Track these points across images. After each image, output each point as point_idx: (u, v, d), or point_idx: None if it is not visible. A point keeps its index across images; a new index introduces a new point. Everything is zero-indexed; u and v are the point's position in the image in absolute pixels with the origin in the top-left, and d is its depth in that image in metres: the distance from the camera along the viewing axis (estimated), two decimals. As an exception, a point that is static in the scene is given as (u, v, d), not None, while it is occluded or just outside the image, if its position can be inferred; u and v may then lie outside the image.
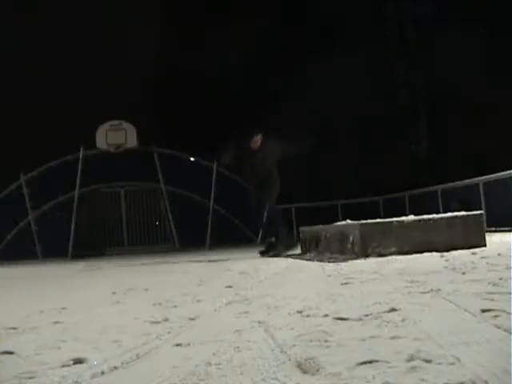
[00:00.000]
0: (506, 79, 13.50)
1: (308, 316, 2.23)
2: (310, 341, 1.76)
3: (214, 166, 14.41)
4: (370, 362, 1.46)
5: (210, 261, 7.38)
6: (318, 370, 1.44)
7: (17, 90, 16.86)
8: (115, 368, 1.63)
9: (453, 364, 1.39)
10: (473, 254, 4.71)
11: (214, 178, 14.30)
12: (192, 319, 2.39)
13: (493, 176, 10.06)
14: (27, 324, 2.54)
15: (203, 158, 14.69)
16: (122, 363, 1.67)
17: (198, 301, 2.99)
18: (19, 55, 17.16)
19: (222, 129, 20.22)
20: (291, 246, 7.62)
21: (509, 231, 8.54)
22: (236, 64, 17.41)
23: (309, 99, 15.36)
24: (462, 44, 13.56)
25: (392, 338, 1.72)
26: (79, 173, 13.89)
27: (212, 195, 14.23)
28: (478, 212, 5.94)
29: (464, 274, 3.27)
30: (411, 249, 5.23)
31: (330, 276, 3.86)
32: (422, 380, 1.29)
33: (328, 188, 15.16)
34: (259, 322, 2.17)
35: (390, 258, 4.98)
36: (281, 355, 1.62)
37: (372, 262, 4.78)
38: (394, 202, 13.93)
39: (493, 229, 9.30)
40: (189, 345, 1.87)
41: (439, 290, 2.63)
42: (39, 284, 5.58)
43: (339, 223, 6.63)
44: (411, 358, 1.45)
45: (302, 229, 7.64)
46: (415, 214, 5.91)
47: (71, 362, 1.71)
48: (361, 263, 4.74)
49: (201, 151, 15.85)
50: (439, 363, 1.41)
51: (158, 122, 18.80)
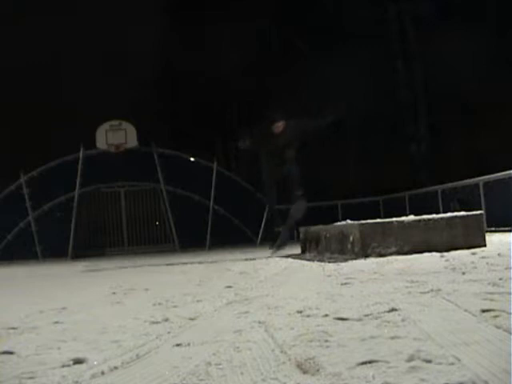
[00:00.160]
0: (506, 79, 13.50)
1: (308, 316, 2.23)
2: (310, 341, 1.76)
3: (214, 166, 14.42)
4: (370, 362, 1.46)
5: (209, 261, 7.38)
6: (318, 370, 1.44)
7: (17, 89, 16.86)
8: (115, 368, 1.63)
9: (453, 364, 1.39)
10: (473, 253, 4.71)
11: (213, 178, 14.30)
12: (192, 319, 2.40)
13: (493, 176, 10.05)
14: (27, 324, 2.55)
15: (203, 158, 14.69)
16: (122, 363, 1.67)
17: (198, 301, 2.99)
18: (19, 55, 17.16)
19: (222, 129, 20.29)
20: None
21: (509, 231, 8.54)
22: (236, 64, 17.40)
23: (309, 99, 15.35)
24: (462, 44, 13.55)
25: (392, 337, 1.72)
26: (79, 173, 13.89)
27: (212, 195, 14.23)
28: (478, 212, 5.94)
29: (464, 274, 3.27)
30: (411, 249, 5.24)
31: (329, 276, 3.86)
32: (422, 380, 1.29)
33: (328, 188, 15.14)
34: (259, 322, 2.17)
35: (389, 258, 4.98)
36: (281, 355, 1.62)
37: (372, 261, 4.78)
38: (393, 202, 13.93)
39: (493, 229, 9.30)
40: (189, 345, 1.87)
41: (439, 290, 2.63)
42: (39, 284, 5.58)
43: (339, 223, 6.63)
44: (411, 358, 1.45)
45: (302, 229, 7.64)
46: (415, 214, 5.91)
47: (71, 362, 1.71)
48: (361, 263, 4.74)
49: (201, 151, 15.85)
50: (439, 363, 1.41)
51: (158, 122, 18.79)
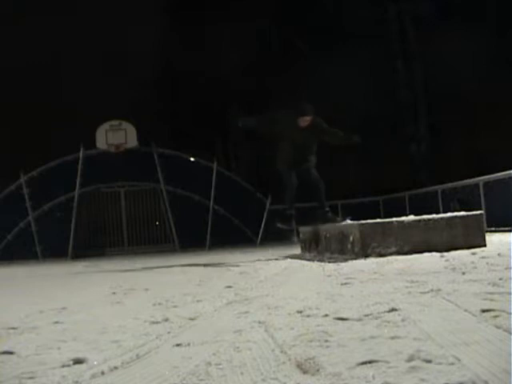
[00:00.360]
0: (506, 79, 13.49)
1: (308, 316, 2.23)
2: (310, 341, 1.76)
3: (214, 166, 14.42)
4: (370, 362, 1.46)
5: (209, 260, 7.38)
6: (318, 370, 1.44)
7: (17, 89, 16.85)
8: (115, 368, 1.63)
9: (453, 364, 1.39)
10: (473, 253, 4.71)
11: (213, 178, 14.30)
12: (192, 319, 2.39)
13: (493, 176, 10.04)
14: (27, 324, 2.55)
15: (203, 158, 14.69)
16: (122, 363, 1.67)
17: (198, 301, 2.99)
18: (19, 55, 17.16)
19: (222, 129, 20.29)
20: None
21: (509, 231, 8.53)
22: (236, 64, 17.40)
23: (309, 99, 15.35)
24: (462, 44, 13.55)
25: (392, 337, 1.72)
26: (79, 173, 13.89)
27: (212, 195, 14.23)
28: (478, 212, 5.94)
29: (464, 274, 3.27)
30: (411, 249, 5.23)
31: (329, 276, 3.86)
32: (422, 380, 1.29)
33: (328, 188, 15.12)
34: (259, 322, 2.17)
35: (389, 258, 4.98)
36: (281, 355, 1.62)
37: (372, 261, 4.78)
38: (393, 202, 13.93)
39: (493, 229, 9.30)
40: (189, 345, 1.86)
41: (439, 290, 2.63)
42: (39, 284, 5.58)
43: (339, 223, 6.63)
44: (411, 358, 1.45)
45: (302, 229, 7.64)
46: (415, 214, 5.91)
47: (71, 362, 1.71)
48: (361, 263, 4.74)
49: (201, 151, 15.83)
50: (439, 363, 1.41)
51: (158, 122, 18.78)
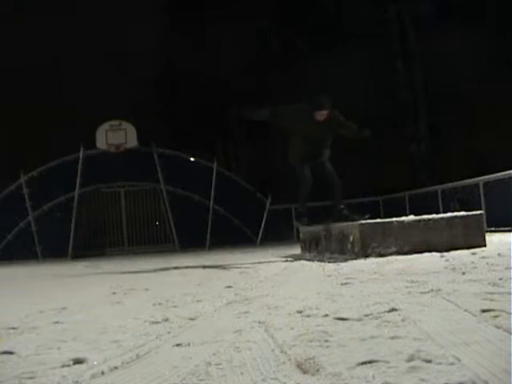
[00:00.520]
0: (506, 79, 13.49)
1: (308, 316, 2.23)
2: (310, 341, 1.76)
3: (214, 166, 14.42)
4: (370, 362, 1.46)
5: (209, 260, 7.38)
6: (318, 370, 1.44)
7: (17, 89, 16.85)
8: (115, 368, 1.63)
9: (453, 364, 1.39)
10: (473, 254, 4.71)
11: (213, 178, 14.29)
12: (192, 319, 2.39)
13: (493, 176, 10.04)
14: (27, 324, 2.54)
15: (203, 158, 14.69)
16: (122, 363, 1.67)
17: (198, 301, 2.99)
18: (19, 55, 17.16)
19: (222, 129, 20.28)
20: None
21: (509, 231, 8.53)
22: (236, 64, 17.39)
23: (309, 99, 15.34)
24: (462, 44, 13.56)
25: (392, 337, 1.72)
26: (79, 173, 13.89)
27: (212, 195, 14.22)
28: (478, 212, 5.94)
29: (464, 274, 3.27)
30: (411, 249, 5.23)
31: (329, 276, 3.86)
32: (422, 380, 1.29)
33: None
34: (259, 322, 2.17)
35: (389, 258, 4.98)
36: (281, 355, 1.62)
37: (372, 261, 4.78)
38: (393, 202, 13.93)
39: (493, 229, 9.30)
40: (189, 345, 1.86)
41: (439, 290, 2.63)
42: (39, 284, 5.58)
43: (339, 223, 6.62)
44: (411, 358, 1.45)
45: (302, 229, 7.64)
46: (415, 214, 5.91)
47: (71, 362, 1.71)
48: (361, 263, 4.74)
49: (201, 151, 15.83)
50: (439, 363, 1.41)
51: (158, 122, 18.78)
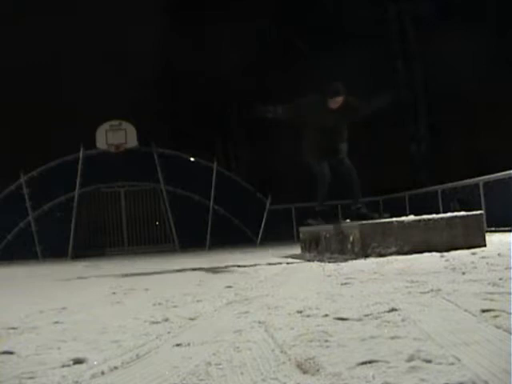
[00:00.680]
0: (506, 79, 13.49)
1: (308, 316, 2.22)
2: (310, 341, 1.76)
3: (214, 166, 14.42)
4: (370, 362, 1.46)
5: (209, 260, 7.38)
6: (318, 370, 1.44)
7: (17, 89, 16.86)
8: (115, 368, 1.62)
9: (453, 364, 1.39)
10: (473, 254, 4.71)
11: (213, 178, 14.30)
12: (192, 319, 2.39)
13: (493, 176, 10.04)
14: (27, 324, 2.54)
15: (203, 158, 14.69)
16: (122, 363, 1.67)
17: (198, 301, 2.99)
18: (19, 55, 17.16)
19: (222, 129, 20.28)
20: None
21: (509, 231, 8.53)
22: (236, 64, 17.39)
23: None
24: (462, 44, 13.55)
25: (392, 337, 1.72)
26: (79, 173, 13.89)
27: (212, 195, 14.23)
28: (478, 212, 5.94)
29: (464, 274, 3.27)
30: (411, 249, 5.23)
31: (329, 276, 3.86)
32: (422, 380, 1.29)
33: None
34: (259, 322, 2.17)
35: (389, 258, 4.98)
36: (281, 355, 1.61)
37: (372, 261, 4.77)
38: (393, 202, 13.93)
39: (493, 229, 9.30)
40: (189, 345, 1.86)
41: (439, 290, 2.63)
42: (39, 284, 5.58)
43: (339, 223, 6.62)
44: (411, 358, 1.45)
45: (302, 229, 7.64)
46: (415, 214, 5.91)
47: (71, 362, 1.71)
48: (361, 263, 4.74)
49: (201, 151, 15.83)
50: (439, 363, 1.40)
51: (158, 122, 18.78)
